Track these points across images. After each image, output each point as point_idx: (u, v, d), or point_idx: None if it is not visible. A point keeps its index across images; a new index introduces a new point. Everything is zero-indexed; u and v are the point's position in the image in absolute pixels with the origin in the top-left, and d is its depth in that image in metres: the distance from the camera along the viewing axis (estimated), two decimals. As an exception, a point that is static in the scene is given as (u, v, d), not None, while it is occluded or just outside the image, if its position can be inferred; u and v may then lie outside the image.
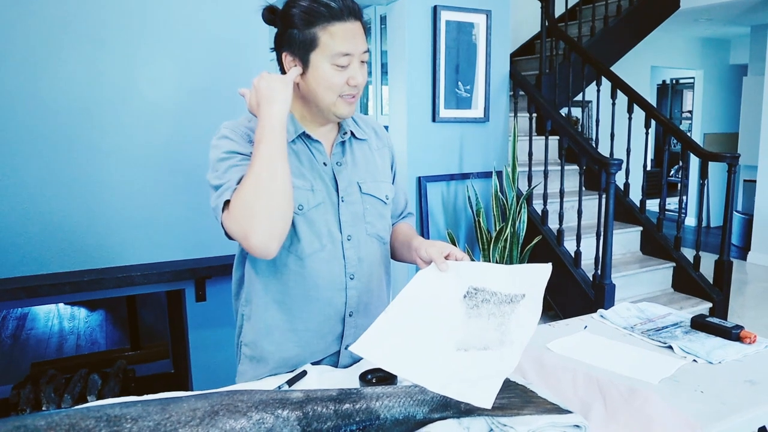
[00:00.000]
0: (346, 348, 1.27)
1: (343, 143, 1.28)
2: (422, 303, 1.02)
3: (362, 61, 1.18)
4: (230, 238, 1.12)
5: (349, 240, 1.24)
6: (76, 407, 0.84)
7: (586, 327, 1.47)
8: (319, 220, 1.20)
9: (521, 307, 1.03)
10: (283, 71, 1.21)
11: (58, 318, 3.88)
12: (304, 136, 1.22)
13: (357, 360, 1.27)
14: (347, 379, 1.16)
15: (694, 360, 1.26)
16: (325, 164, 1.24)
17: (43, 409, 2.44)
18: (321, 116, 1.22)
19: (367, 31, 1.22)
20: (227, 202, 1.09)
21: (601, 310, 1.56)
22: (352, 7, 1.15)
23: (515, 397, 0.93)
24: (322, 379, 1.16)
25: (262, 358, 1.25)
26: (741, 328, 1.36)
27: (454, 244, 3.47)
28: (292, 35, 1.15)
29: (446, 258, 1.16)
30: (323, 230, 1.21)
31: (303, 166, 1.21)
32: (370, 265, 1.28)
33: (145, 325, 3.26)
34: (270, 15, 1.21)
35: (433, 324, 1.03)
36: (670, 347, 1.32)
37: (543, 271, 1.08)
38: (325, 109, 1.19)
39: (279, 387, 1.09)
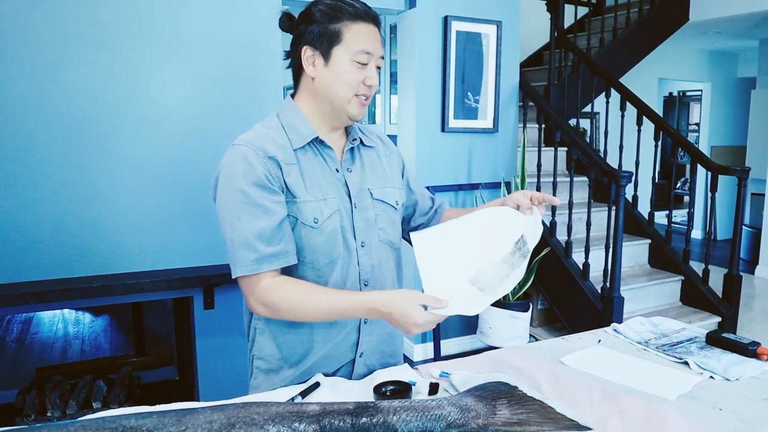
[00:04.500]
0: (360, 356, 1.26)
1: (352, 150, 1.28)
2: (484, 227, 1.16)
3: (378, 66, 1.20)
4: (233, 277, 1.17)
5: (363, 247, 1.23)
6: (91, 417, 0.83)
7: (599, 341, 1.45)
8: (334, 228, 1.19)
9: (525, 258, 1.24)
10: (297, 71, 1.22)
11: (62, 323, 3.88)
12: (317, 142, 1.22)
13: (371, 370, 1.26)
14: (360, 391, 1.15)
15: (711, 376, 1.24)
16: (337, 170, 1.23)
17: (48, 415, 2.43)
18: (333, 116, 1.22)
19: (383, 40, 1.23)
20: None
21: (614, 324, 1.54)
22: (373, 13, 1.20)
23: (534, 413, 0.92)
24: (335, 390, 1.15)
25: (279, 369, 1.24)
26: (758, 344, 1.35)
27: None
28: (314, 31, 1.17)
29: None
30: (339, 238, 1.20)
31: (315, 175, 1.20)
32: (382, 272, 1.28)
33: (149, 331, 3.25)
34: (288, 21, 1.22)
35: (476, 249, 1.15)
36: (686, 363, 1.30)
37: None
38: (338, 107, 1.19)
39: (292, 399, 1.08)
